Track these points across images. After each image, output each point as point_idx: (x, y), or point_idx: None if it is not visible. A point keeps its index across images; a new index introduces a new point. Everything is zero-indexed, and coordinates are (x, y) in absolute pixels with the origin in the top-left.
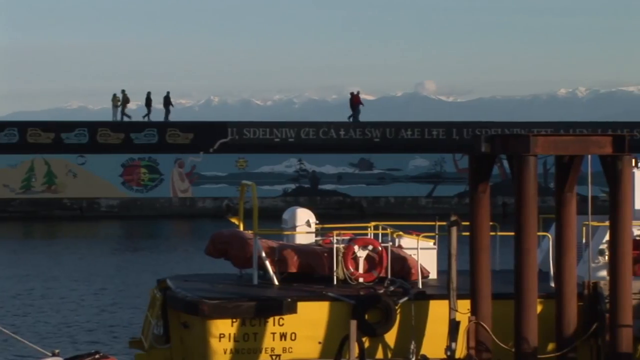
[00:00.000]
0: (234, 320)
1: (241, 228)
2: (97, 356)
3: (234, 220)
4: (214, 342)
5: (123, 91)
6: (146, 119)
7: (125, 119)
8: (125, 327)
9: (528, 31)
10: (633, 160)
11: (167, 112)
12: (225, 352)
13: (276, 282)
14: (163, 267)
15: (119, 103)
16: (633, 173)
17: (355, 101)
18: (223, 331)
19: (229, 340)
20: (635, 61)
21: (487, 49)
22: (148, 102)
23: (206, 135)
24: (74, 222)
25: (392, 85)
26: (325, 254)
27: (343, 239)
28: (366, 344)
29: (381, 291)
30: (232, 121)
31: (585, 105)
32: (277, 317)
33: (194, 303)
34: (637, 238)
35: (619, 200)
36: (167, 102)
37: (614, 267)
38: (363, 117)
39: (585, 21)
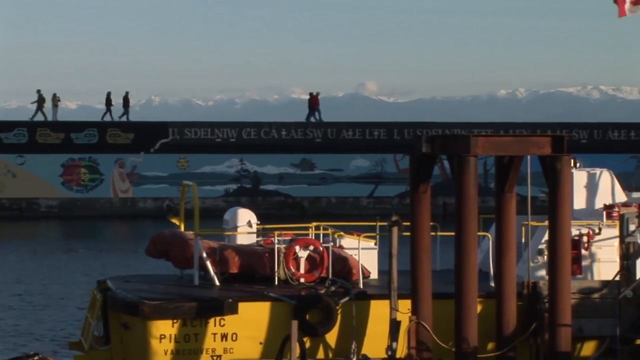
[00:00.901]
0: (175, 320)
1: (182, 228)
2: (36, 358)
3: (175, 221)
4: (155, 343)
5: (38, 91)
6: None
7: (41, 118)
8: (64, 328)
9: (468, 32)
10: (572, 161)
11: (126, 112)
12: (165, 353)
13: (217, 283)
14: (103, 267)
15: (58, 102)
16: (572, 173)
17: (314, 102)
18: (164, 332)
19: (170, 341)
20: (573, 63)
21: (427, 49)
22: (108, 102)
23: (147, 135)
24: (13, 222)
25: (333, 86)
26: (267, 254)
27: (284, 239)
28: (307, 344)
29: (322, 291)
30: (173, 121)
31: (525, 106)
32: (218, 318)
33: (135, 304)
34: (576, 238)
35: (558, 201)
36: (126, 102)
37: (553, 266)
38: (303, 118)
39: (525, 23)
